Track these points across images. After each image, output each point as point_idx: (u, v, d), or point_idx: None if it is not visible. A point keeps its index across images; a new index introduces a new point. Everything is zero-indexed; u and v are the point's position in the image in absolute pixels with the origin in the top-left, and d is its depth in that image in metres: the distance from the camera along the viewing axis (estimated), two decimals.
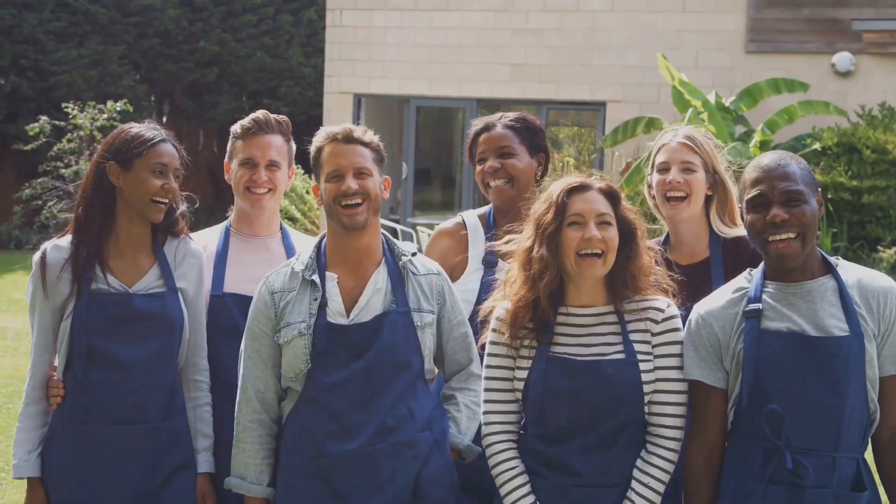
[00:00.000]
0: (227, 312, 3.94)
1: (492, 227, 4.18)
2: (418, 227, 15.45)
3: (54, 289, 3.68)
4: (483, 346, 3.57)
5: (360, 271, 3.58)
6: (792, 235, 3.17)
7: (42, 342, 3.75)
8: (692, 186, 3.96)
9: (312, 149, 3.63)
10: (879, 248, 13.34)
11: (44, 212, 17.91)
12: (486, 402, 3.49)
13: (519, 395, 3.43)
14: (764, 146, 13.51)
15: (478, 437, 3.65)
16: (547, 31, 16.94)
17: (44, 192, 18.02)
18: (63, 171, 17.78)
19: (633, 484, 3.31)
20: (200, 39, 23.62)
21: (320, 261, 3.59)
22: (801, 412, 3.13)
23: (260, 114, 4.12)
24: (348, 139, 3.56)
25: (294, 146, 4.21)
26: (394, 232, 15.07)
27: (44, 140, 17.93)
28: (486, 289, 3.98)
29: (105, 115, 17.93)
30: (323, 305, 3.50)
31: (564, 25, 16.84)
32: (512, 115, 4.25)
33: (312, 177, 3.68)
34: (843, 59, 15.35)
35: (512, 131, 4.15)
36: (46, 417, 3.76)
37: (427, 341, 3.58)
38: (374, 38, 17.95)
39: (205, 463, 3.82)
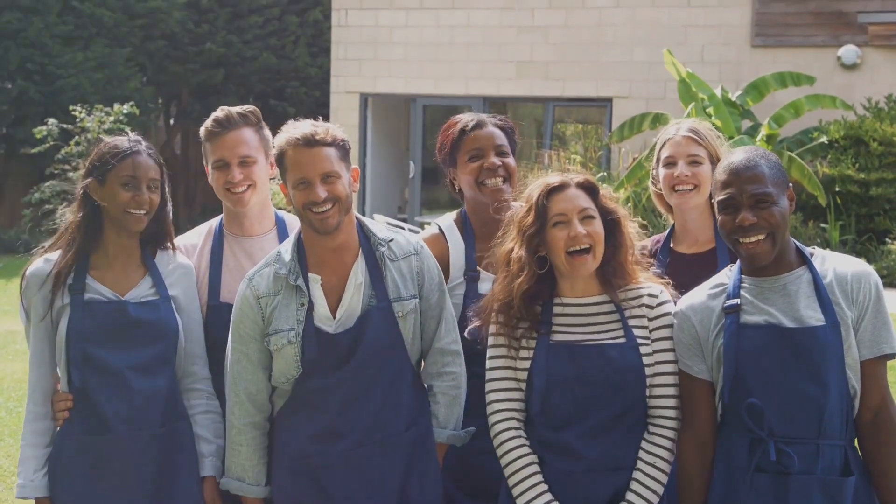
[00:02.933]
0: (225, 323, 3.90)
1: (469, 232, 4.10)
2: (426, 226, 15.45)
3: (47, 302, 3.71)
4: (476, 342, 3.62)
5: (340, 266, 3.56)
6: (761, 237, 3.24)
7: (38, 357, 3.76)
8: (699, 178, 3.99)
9: (275, 149, 3.55)
10: (888, 240, 13.32)
11: (54, 216, 17.93)
12: (490, 391, 3.52)
13: (522, 385, 3.46)
14: (771, 140, 13.51)
15: (468, 420, 3.71)
16: (553, 28, 16.95)
17: (52, 195, 18.06)
18: (71, 174, 17.79)
19: (639, 464, 3.38)
20: (206, 41, 23.66)
21: (301, 261, 3.56)
22: (783, 402, 3.20)
23: (221, 112, 4.08)
24: (310, 143, 3.46)
25: (269, 133, 4.11)
26: None
27: (51, 143, 17.96)
28: (471, 302, 3.89)
29: (112, 118, 17.95)
30: (309, 310, 3.50)
31: (570, 22, 16.84)
32: (493, 116, 4.16)
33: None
34: (849, 51, 15.34)
35: (501, 131, 4.07)
36: (51, 435, 3.76)
37: (409, 328, 3.58)
38: (380, 37, 17.98)
39: (208, 467, 3.81)
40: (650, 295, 3.45)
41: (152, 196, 3.75)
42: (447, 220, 4.20)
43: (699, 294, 3.42)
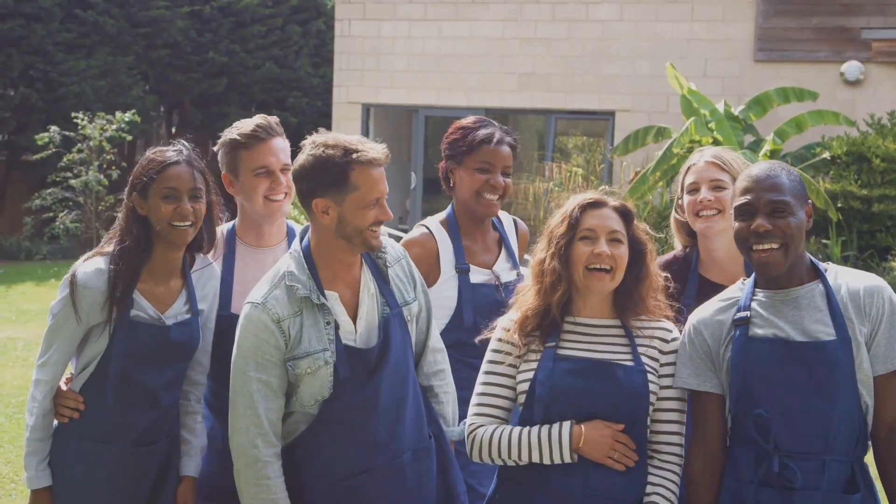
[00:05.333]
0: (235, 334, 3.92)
1: (456, 230, 4.28)
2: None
3: (91, 313, 3.65)
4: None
5: (351, 279, 3.53)
6: (775, 246, 3.23)
7: (63, 361, 3.72)
8: (723, 203, 3.96)
9: (333, 161, 3.35)
10: (889, 257, 13.31)
11: (55, 223, 17.96)
12: (477, 404, 3.48)
13: (511, 398, 3.46)
14: (773, 155, 13.50)
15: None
16: (555, 41, 16.95)
17: (53, 202, 18.08)
18: (72, 181, 17.83)
19: (650, 497, 3.34)
20: (209, 50, 23.70)
21: (314, 278, 3.45)
22: (789, 416, 3.18)
23: (260, 119, 4.03)
24: (382, 162, 3.42)
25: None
26: None
27: (53, 150, 17.97)
28: (466, 293, 4.16)
29: (114, 126, 17.98)
30: (336, 328, 3.43)
31: (573, 35, 16.85)
32: (507, 131, 4.31)
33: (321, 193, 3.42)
34: (851, 67, 15.33)
35: (511, 151, 4.28)
36: (52, 429, 3.77)
37: (414, 331, 3.63)
38: (382, 48, 17.99)
39: (187, 467, 3.83)
40: (665, 329, 3.45)
41: (195, 206, 3.70)
42: (434, 222, 4.34)
43: (709, 308, 3.42)
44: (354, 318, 3.49)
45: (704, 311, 3.41)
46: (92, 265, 3.70)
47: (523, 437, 3.34)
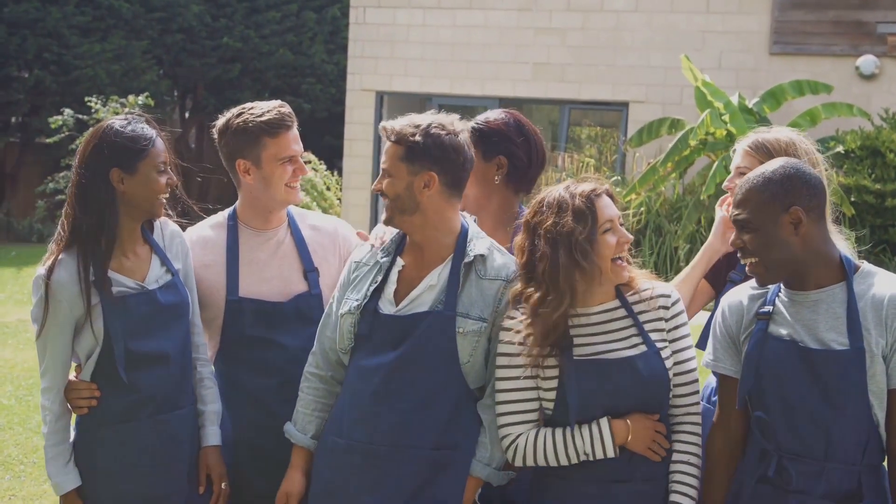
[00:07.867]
0: (247, 320, 3.91)
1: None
2: None
3: (72, 305, 3.60)
4: None
5: (426, 263, 3.53)
6: (752, 260, 3.20)
7: (62, 364, 3.66)
8: None
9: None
10: None
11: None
12: (508, 413, 3.42)
13: (538, 400, 3.40)
14: None
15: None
16: (570, 31, 16.92)
17: (66, 185, 18.13)
18: None
19: (675, 469, 3.34)
20: (224, 35, 23.71)
21: (401, 244, 3.62)
22: (792, 418, 3.15)
23: (280, 106, 3.99)
24: (387, 137, 3.62)
25: None
26: None
27: (66, 133, 18.01)
28: None
29: (127, 110, 17.95)
30: (379, 290, 3.51)
31: (588, 25, 16.81)
32: (480, 117, 4.19)
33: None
34: (867, 61, 15.28)
35: (470, 136, 4.03)
36: (69, 428, 3.71)
37: (468, 349, 3.43)
38: (397, 35, 17.97)
39: (210, 436, 3.81)
40: (664, 295, 3.40)
41: (175, 179, 3.74)
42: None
43: (740, 293, 3.37)
44: (406, 296, 3.50)
45: (734, 297, 3.38)
46: (58, 259, 3.65)
47: (567, 440, 3.33)
